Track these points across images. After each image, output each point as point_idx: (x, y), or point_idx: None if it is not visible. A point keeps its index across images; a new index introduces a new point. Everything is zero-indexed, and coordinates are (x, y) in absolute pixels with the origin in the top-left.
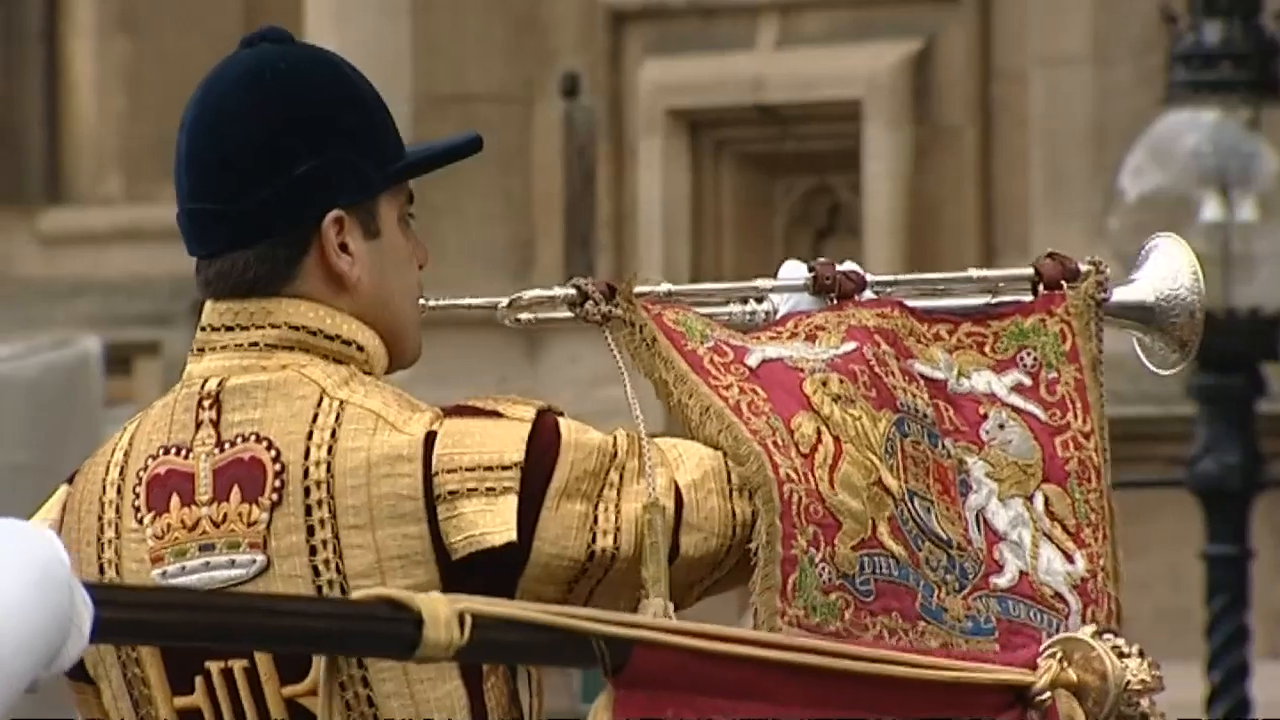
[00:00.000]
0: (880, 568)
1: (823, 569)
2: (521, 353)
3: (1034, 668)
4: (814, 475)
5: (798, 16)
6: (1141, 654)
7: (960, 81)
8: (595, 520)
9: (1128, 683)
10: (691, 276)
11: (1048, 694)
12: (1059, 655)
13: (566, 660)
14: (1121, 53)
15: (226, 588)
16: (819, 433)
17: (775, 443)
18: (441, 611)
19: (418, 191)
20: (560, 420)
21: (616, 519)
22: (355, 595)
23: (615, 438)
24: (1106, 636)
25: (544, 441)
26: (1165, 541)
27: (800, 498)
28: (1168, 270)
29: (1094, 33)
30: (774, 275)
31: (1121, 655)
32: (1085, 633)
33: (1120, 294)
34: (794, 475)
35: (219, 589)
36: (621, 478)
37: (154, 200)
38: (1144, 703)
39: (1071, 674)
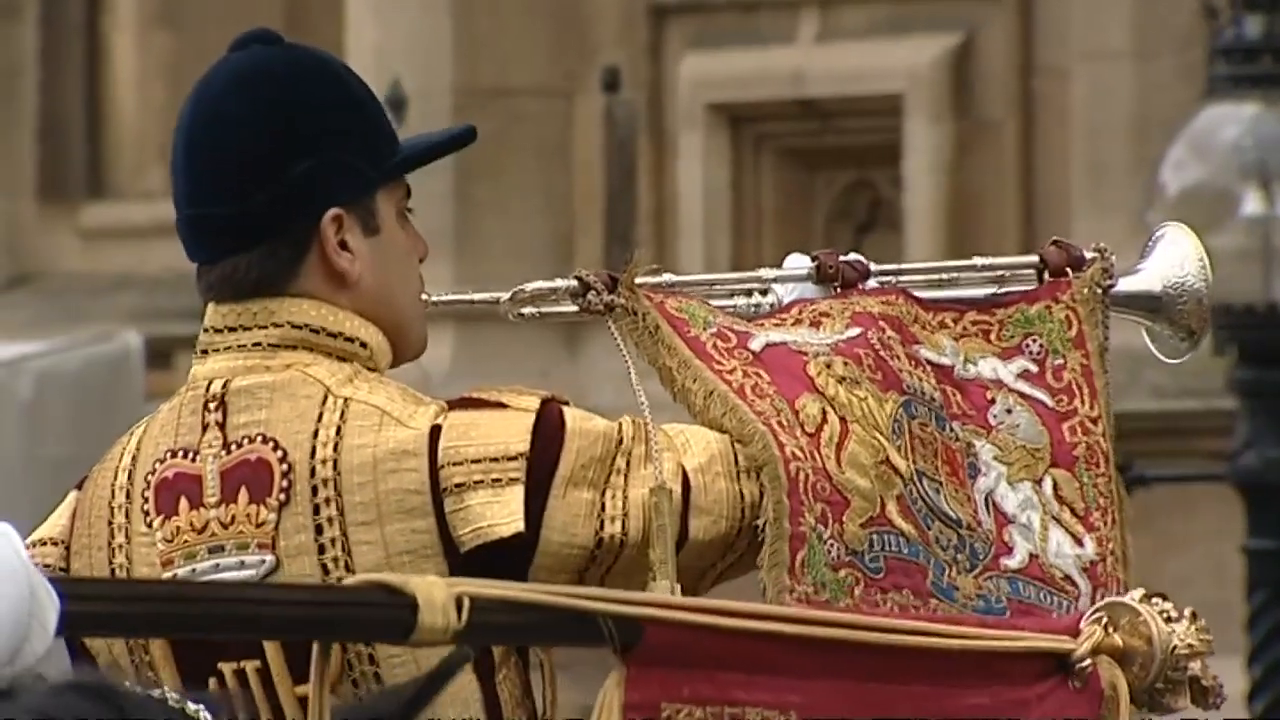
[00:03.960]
0: (890, 545)
1: (831, 546)
2: (562, 347)
3: (1076, 634)
4: (820, 454)
5: (838, 10)
6: (1194, 617)
7: (1001, 76)
8: (603, 507)
9: (1174, 647)
10: (732, 271)
11: (1089, 661)
12: (1104, 621)
13: (570, 640)
14: (1162, 47)
15: None
16: (824, 413)
17: (780, 423)
18: (438, 595)
19: (459, 187)
20: (565, 409)
21: (624, 505)
22: (349, 581)
23: (621, 424)
24: (1155, 601)
25: (549, 430)
26: (1206, 536)
27: (807, 475)
28: (1175, 258)
29: (1135, 27)
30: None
31: (1169, 619)
32: (1133, 597)
33: (1127, 283)
34: (800, 453)
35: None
36: (628, 464)
37: None
38: (1194, 666)
39: (1117, 639)
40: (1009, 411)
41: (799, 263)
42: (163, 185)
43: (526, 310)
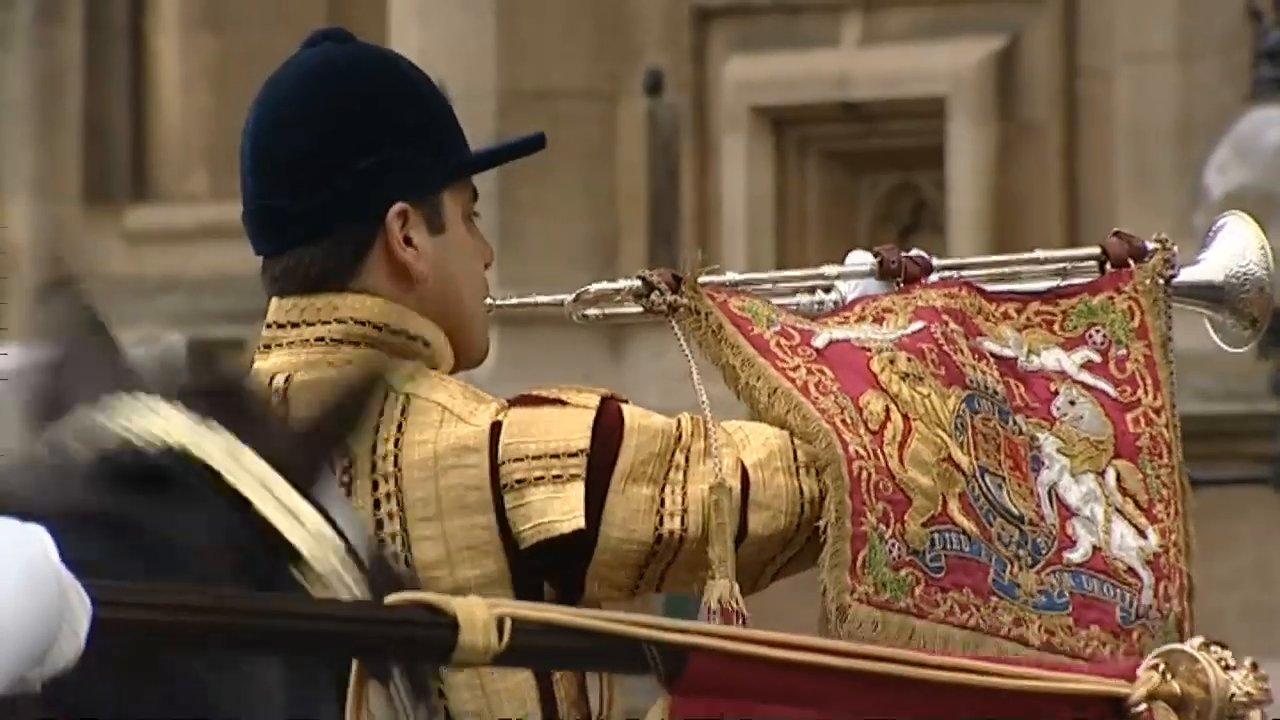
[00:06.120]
0: (951, 543)
1: (893, 545)
2: (606, 349)
3: (1132, 678)
4: (883, 452)
5: (882, 13)
6: (1255, 667)
7: (1045, 78)
8: (662, 503)
9: (1232, 695)
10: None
11: (1144, 706)
12: (1161, 667)
13: (614, 666)
14: (1207, 49)
15: None
16: (887, 410)
17: (844, 421)
18: (479, 616)
19: (503, 189)
20: (624, 406)
21: (683, 501)
22: (390, 599)
23: (679, 421)
24: (1214, 649)
25: (608, 427)
26: (1251, 539)
27: (870, 474)
28: (1236, 248)
29: (1179, 29)
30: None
31: (1227, 667)
32: (1191, 645)
33: (1189, 273)
34: (863, 452)
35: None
36: (687, 460)
37: (240, 197)
38: (1252, 715)
39: (1174, 686)
40: (1072, 403)
41: (861, 259)
42: (207, 188)
43: (590, 311)
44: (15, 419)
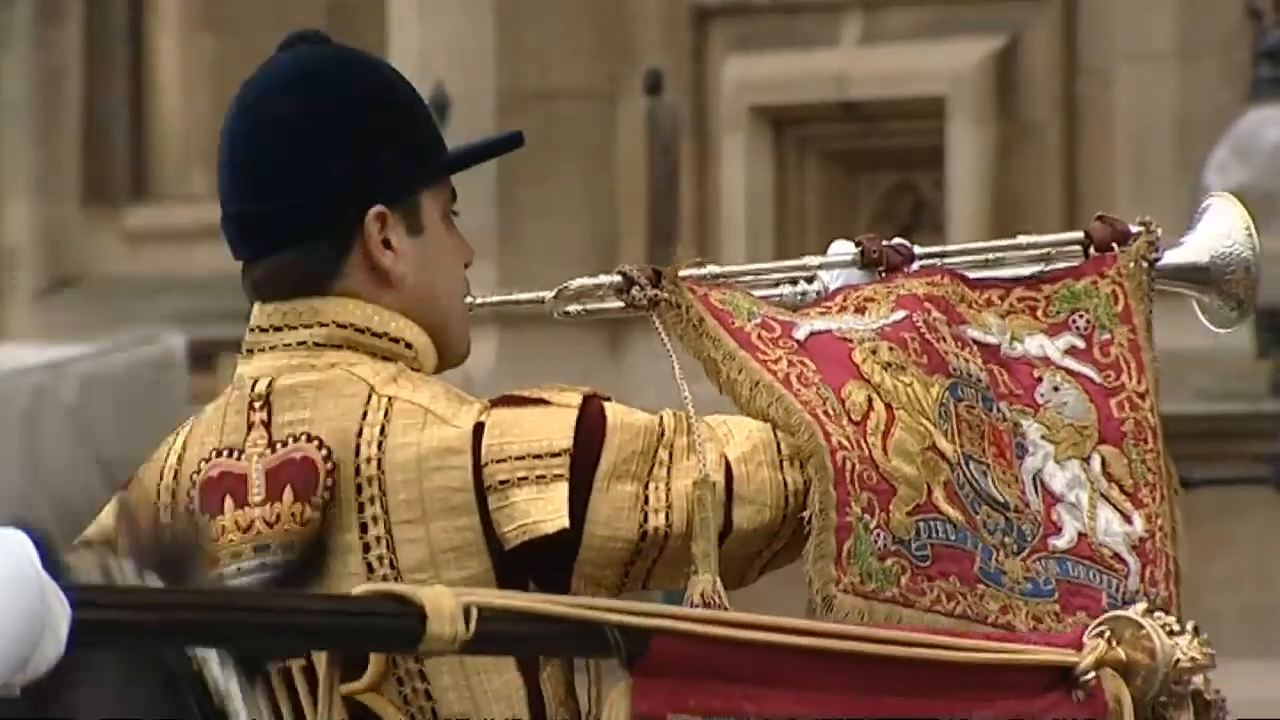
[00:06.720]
0: (937, 532)
1: (878, 535)
2: (605, 349)
3: (1079, 647)
4: (866, 442)
5: (882, 13)
6: (1196, 631)
7: (1045, 78)
8: (646, 500)
9: (1177, 660)
10: None
11: (1092, 673)
12: (1107, 634)
13: (579, 651)
14: (1206, 49)
15: None
16: (870, 400)
17: (826, 412)
18: (445, 605)
19: (502, 190)
20: (606, 404)
21: (667, 497)
22: (358, 590)
23: (662, 417)
24: (1158, 615)
25: (591, 426)
26: (1251, 539)
27: (854, 465)
28: (1221, 228)
29: (1179, 29)
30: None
31: (1171, 633)
32: (1135, 611)
33: (1175, 255)
34: (846, 443)
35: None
36: (671, 456)
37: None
38: (1196, 680)
39: (1120, 652)
40: (1056, 389)
41: (843, 249)
42: (206, 188)
43: (572, 308)
44: (15, 418)
